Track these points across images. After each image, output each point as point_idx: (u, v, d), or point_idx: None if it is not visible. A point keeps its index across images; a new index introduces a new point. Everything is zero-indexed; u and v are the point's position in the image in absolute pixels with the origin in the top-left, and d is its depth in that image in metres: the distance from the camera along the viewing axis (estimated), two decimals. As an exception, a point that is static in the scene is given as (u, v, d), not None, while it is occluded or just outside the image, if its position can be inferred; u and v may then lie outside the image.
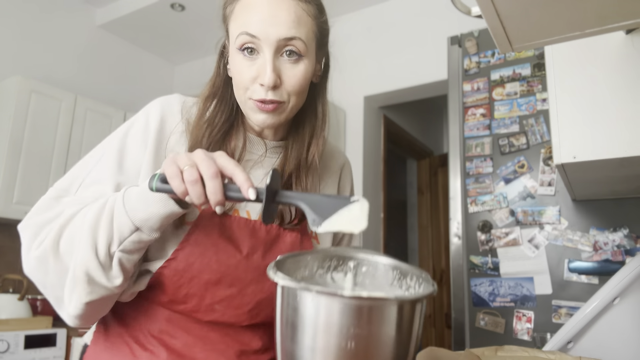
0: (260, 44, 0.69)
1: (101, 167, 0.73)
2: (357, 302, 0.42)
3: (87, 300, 0.63)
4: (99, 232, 0.62)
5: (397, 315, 0.44)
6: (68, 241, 0.64)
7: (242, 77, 0.71)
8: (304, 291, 0.44)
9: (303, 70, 0.72)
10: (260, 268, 0.74)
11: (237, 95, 0.74)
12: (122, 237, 0.62)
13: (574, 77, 0.89)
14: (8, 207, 2.63)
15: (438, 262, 3.89)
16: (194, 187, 0.56)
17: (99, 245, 0.62)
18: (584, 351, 0.96)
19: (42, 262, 0.65)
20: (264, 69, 0.69)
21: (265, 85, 0.69)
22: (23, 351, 2.36)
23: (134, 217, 0.61)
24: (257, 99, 0.70)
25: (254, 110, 0.72)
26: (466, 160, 1.74)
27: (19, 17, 3.10)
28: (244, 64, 0.71)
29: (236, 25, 0.71)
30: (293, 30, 0.69)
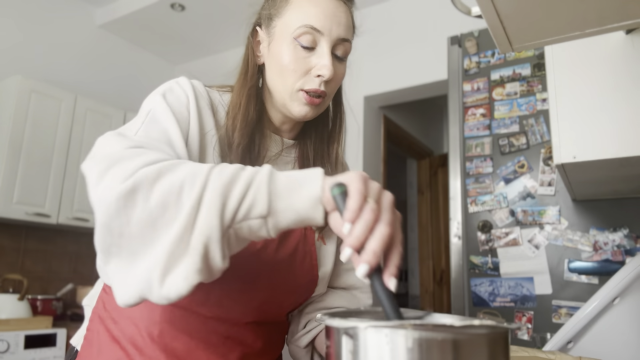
0: (321, 39, 0.72)
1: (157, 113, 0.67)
2: (466, 334, 0.39)
3: (194, 279, 0.49)
4: (231, 197, 0.50)
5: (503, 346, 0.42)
6: (173, 189, 0.50)
7: (295, 67, 0.72)
8: (397, 330, 0.39)
9: (344, 69, 0.77)
10: (272, 262, 0.73)
11: (281, 85, 0.74)
12: (249, 215, 0.51)
13: (574, 77, 0.89)
14: (8, 207, 2.63)
15: (438, 262, 3.89)
16: (366, 225, 0.47)
17: (226, 210, 0.50)
18: (584, 351, 0.96)
19: (127, 201, 0.50)
20: (325, 62, 0.71)
21: (324, 77, 0.71)
22: (23, 351, 2.36)
23: (273, 202, 0.51)
24: (309, 89, 0.72)
25: (299, 102, 0.74)
26: (466, 160, 1.74)
27: (19, 17, 3.10)
28: (299, 55, 0.72)
29: (297, 16, 0.72)
30: (348, 32, 0.75)
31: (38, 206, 2.77)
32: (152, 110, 0.68)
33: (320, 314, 0.47)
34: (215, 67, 3.91)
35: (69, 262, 3.23)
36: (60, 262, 3.18)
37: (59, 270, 3.17)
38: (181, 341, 0.71)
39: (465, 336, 0.39)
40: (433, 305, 3.79)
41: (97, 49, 3.58)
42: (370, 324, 0.40)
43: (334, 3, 0.73)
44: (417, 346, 0.38)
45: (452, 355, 0.39)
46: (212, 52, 3.90)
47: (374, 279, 0.48)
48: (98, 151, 0.57)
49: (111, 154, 0.54)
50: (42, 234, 3.08)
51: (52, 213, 2.83)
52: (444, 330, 0.39)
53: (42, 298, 2.74)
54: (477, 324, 0.39)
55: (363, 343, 0.40)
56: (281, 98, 0.75)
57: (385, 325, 0.39)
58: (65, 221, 2.89)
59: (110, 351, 0.71)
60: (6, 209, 2.63)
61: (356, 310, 0.57)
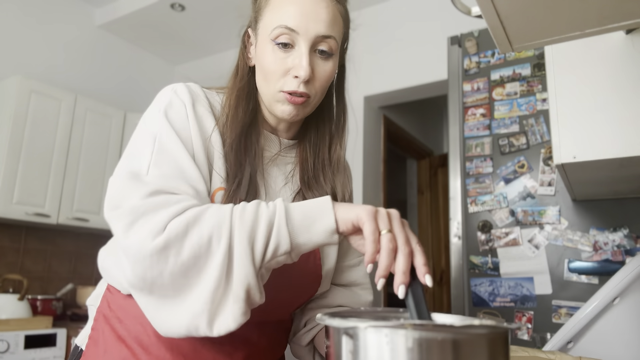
0: (298, 38, 0.70)
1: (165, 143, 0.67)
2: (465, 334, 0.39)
3: (242, 320, 0.57)
4: (257, 243, 0.57)
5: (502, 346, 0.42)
6: (202, 241, 0.56)
7: (275, 69, 0.71)
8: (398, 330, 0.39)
9: (331, 67, 0.74)
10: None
11: (265, 87, 0.74)
12: (276, 254, 0.58)
13: (574, 77, 0.89)
14: (8, 207, 2.63)
15: (438, 262, 3.89)
16: (389, 256, 0.54)
17: (256, 257, 0.57)
18: (584, 351, 0.96)
19: (160, 256, 0.55)
20: (300, 62, 0.70)
21: (301, 77, 0.70)
22: (23, 351, 2.36)
23: (294, 240, 0.58)
24: (288, 91, 0.71)
25: (282, 102, 0.73)
26: (466, 160, 1.74)
27: (19, 17, 3.10)
28: (277, 56, 0.71)
29: (274, 16, 0.71)
30: (330, 28, 0.72)
31: (38, 206, 2.77)
32: (159, 136, 0.68)
33: (320, 314, 0.47)
34: (215, 67, 3.91)
35: (68, 262, 3.23)
36: (60, 262, 3.18)
37: (58, 270, 3.17)
38: (187, 340, 0.71)
39: (465, 336, 0.39)
40: (433, 305, 3.79)
41: (97, 49, 3.58)
42: (370, 324, 0.40)
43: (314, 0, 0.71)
44: (417, 346, 0.38)
45: (452, 355, 0.39)
46: (212, 52, 3.90)
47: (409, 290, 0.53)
48: (117, 199, 0.61)
49: (134, 208, 0.58)
50: (42, 234, 3.08)
51: (52, 213, 2.83)
52: (444, 330, 0.39)
53: (42, 298, 2.74)
54: (477, 324, 0.39)
55: (363, 343, 0.40)
56: (267, 100, 0.76)
57: (385, 325, 0.39)
58: (65, 221, 2.89)
59: (116, 350, 0.71)
60: (6, 209, 2.62)
61: (356, 310, 0.57)
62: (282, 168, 0.82)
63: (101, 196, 3.11)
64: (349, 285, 0.92)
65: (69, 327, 2.58)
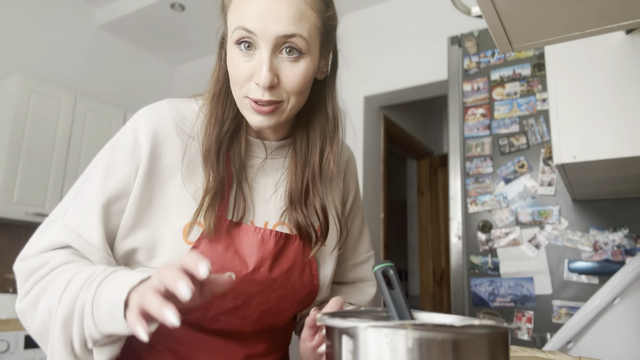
0: (257, 40, 0.64)
1: (87, 190, 0.69)
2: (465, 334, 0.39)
3: None
4: (73, 333, 0.59)
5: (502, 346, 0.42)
6: (44, 313, 0.62)
7: (238, 73, 0.66)
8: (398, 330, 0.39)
9: (303, 69, 0.66)
10: (267, 281, 0.72)
11: (234, 92, 0.69)
12: (95, 340, 0.58)
13: (574, 77, 0.89)
14: (8, 207, 2.63)
15: (438, 262, 3.89)
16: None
17: (74, 344, 0.59)
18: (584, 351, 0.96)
19: (23, 316, 0.65)
20: (260, 67, 0.64)
21: (260, 85, 0.64)
22: (23, 351, 2.36)
23: (103, 329, 0.56)
24: (253, 98, 0.66)
25: (250, 111, 0.67)
26: (466, 160, 1.74)
27: (19, 17, 3.10)
28: (240, 59, 0.66)
29: (234, 17, 0.66)
30: (293, 26, 0.63)
31: (38, 206, 2.77)
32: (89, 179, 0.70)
33: (320, 314, 0.47)
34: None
35: (69, 262, 3.23)
36: (60, 262, 3.18)
37: (59, 270, 3.17)
38: (186, 344, 0.72)
39: (465, 336, 0.39)
40: (433, 305, 3.79)
41: (97, 49, 3.58)
42: (370, 324, 0.40)
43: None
44: (417, 346, 0.38)
45: (452, 355, 0.39)
46: (212, 52, 3.86)
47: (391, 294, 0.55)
48: (25, 252, 0.71)
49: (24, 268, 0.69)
50: (42, 234, 3.07)
51: (52, 213, 2.83)
52: (444, 330, 0.39)
53: (42, 298, 2.74)
54: (477, 324, 0.39)
55: (363, 343, 0.40)
56: (239, 107, 0.70)
57: (385, 325, 0.39)
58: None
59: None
60: (6, 209, 2.62)
61: (356, 310, 0.57)
62: (272, 175, 0.77)
63: (101, 196, 3.11)
64: (356, 282, 0.91)
65: (69, 327, 2.59)
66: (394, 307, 0.53)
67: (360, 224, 0.92)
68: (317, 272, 0.78)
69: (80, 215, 0.67)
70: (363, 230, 0.92)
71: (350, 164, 0.90)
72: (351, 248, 0.90)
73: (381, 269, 0.55)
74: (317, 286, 0.78)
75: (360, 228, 0.92)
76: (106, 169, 0.69)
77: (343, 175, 0.89)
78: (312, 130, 0.77)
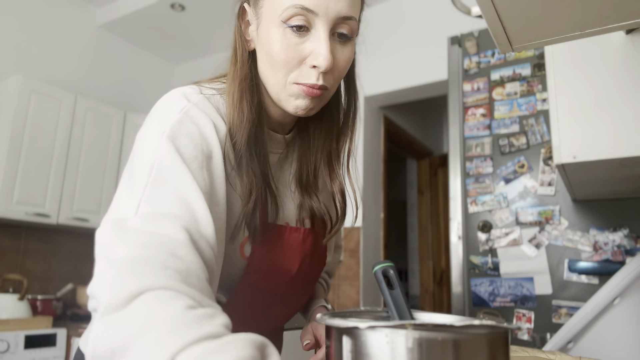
0: (316, 20, 0.59)
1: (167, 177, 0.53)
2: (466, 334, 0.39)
3: None
4: None
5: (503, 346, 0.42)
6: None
7: (287, 57, 0.59)
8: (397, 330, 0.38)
9: (351, 53, 0.63)
10: (302, 278, 0.71)
11: (273, 78, 0.62)
12: None
13: (574, 77, 0.89)
14: (8, 207, 2.63)
15: (438, 262, 3.89)
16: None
17: None
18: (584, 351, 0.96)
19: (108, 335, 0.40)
20: (320, 49, 0.58)
21: (321, 68, 0.58)
22: (23, 351, 2.36)
23: None
24: (306, 83, 0.60)
25: (296, 95, 0.61)
26: (466, 160, 1.74)
27: (19, 17, 3.10)
28: (290, 41, 0.59)
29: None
30: (352, 8, 0.60)
31: (38, 206, 2.77)
32: (156, 165, 0.53)
33: (320, 314, 0.47)
34: (215, 67, 3.90)
35: (68, 262, 3.23)
36: (60, 262, 3.18)
37: (59, 270, 3.17)
38: None
39: (465, 336, 0.39)
40: (433, 305, 3.79)
41: (97, 49, 3.58)
42: (370, 324, 0.40)
43: None
44: (417, 346, 0.38)
45: (452, 355, 0.39)
46: (212, 52, 3.90)
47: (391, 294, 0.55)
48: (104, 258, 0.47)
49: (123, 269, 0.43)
50: (42, 234, 3.08)
51: (52, 213, 2.83)
52: (444, 330, 0.39)
53: (42, 298, 2.74)
54: (477, 324, 0.39)
55: (363, 343, 0.40)
56: (275, 93, 0.64)
57: (385, 325, 0.39)
58: (65, 221, 2.89)
59: None
60: (6, 209, 2.62)
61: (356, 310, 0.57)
62: (287, 170, 0.73)
63: (101, 196, 3.11)
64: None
65: (69, 327, 2.58)
66: (394, 307, 0.53)
67: None
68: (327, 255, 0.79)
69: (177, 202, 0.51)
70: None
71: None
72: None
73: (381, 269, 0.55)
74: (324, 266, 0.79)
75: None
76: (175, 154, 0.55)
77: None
78: (329, 118, 0.72)
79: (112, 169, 3.18)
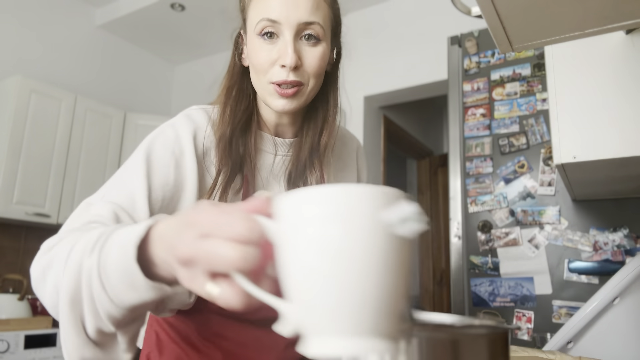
0: (281, 28, 0.71)
1: (129, 177, 0.68)
2: None
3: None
4: (84, 314, 0.45)
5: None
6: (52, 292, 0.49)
7: (262, 61, 0.72)
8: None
9: (321, 52, 0.74)
10: None
11: (256, 81, 0.75)
12: (114, 318, 0.44)
13: (574, 77, 0.89)
14: (8, 207, 2.63)
15: (438, 262, 3.89)
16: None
17: (87, 327, 0.46)
18: (584, 351, 0.96)
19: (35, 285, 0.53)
20: (285, 50, 0.71)
21: (287, 65, 0.70)
22: (23, 351, 2.36)
23: (122, 302, 0.43)
24: (277, 81, 0.72)
25: (273, 96, 0.73)
26: (466, 160, 1.74)
27: (19, 17, 3.10)
28: (263, 48, 0.72)
29: (256, 12, 0.73)
30: (312, 15, 0.72)
31: (38, 206, 2.77)
32: (125, 165, 0.70)
33: None
34: (215, 67, 3.90)
35: (69, 262, 3.23)
36: (60, 262, 3.18)
37: (59, 270, 3.17)
38: (231, 340, 0.76)
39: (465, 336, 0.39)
40: (433, 305, 3.79)
41: (97, 49, 3.58)
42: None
43: None
44: (417, 346, 0.38)
45: (452, 355, 0.39)
46: (212, 52, 3.90)
47: None
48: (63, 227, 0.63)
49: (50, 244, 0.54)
50: (42, 234, 3.07)
51: (52, 213, 2.83)
52: (444, 330, 0.39)
53: (42, 298, 2.74)
54: (477, 324, 0.39)
55: None
56: (261, 95, 0.76)
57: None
58: (65, 221, 2.89)
59: (171, 350, 0.77)
60: (6, 209, 2.62)
61: None
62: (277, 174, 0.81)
63: (101, 196, 3.11)
64: None
65: (69, 327, 2.59)
66: None
67: None
68: None
69: (125, 194, 0.65)
70: None
71: (359, 153, 0.99)
72: None
73: None
74: None
75: None
76: (147, 161, 0.69)
77: (355, 166, 0.97)
78: (315, 118, 0.82)
79: (112, 169, 3.18)
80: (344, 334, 0.32)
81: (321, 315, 0.32)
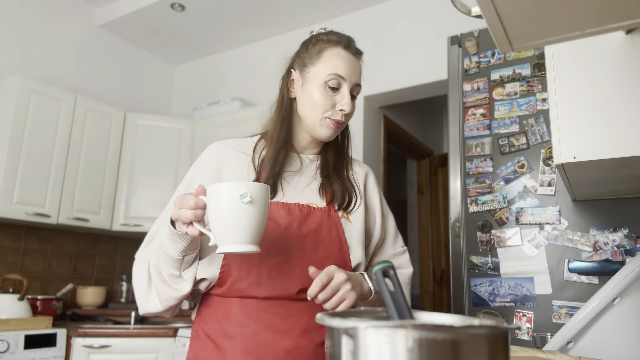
0: (343, 83, 1.02)
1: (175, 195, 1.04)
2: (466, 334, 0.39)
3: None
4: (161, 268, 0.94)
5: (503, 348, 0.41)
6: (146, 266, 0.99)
7: (324, 103, 1.01)
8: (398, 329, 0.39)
9: (355, 104, 1.06)
10: (299, 237, 0.98)
11: (311, 114, 1.03)
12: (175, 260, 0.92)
13: (574, 77, 0.89)
14: (8, 207, 2.63)
15: (438, 262, 3.88)
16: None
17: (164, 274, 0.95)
18: (584, 351, 0.96)
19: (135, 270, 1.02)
20: (346, 100, 1.01)
21: (346, 111, 1.02)
22: (23, 351, 2.36)
23: (171, 249, 0.91)
24: (335, 119, 1.02)
25: (328, 127, 1.03)
26: (466, 160, 1.74)
27: (19, 17, 3.10)
28: (327, 94, 1.01)
29: (328, 66, 1.02)
30: (360, 79, 1.07)
31: (38, 206, 2.77)
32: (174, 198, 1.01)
33: (320, 314, 0.47)
34: (215, 67, 3.90)
35: (69, 262, 3.23)
36: (60, 262, 3.18)
37: (58, 270, 3.17)
38: (250, 327, 0.94)
39: (465, 336, 0.39)
40: (433, 305, 3.79)
41: (97, 49, 3.58)
42: (370, 324, 0.40)
43: (353, 58, 1.05)
44: (417, 346, 0.38)
45: (452, 355, 0.39)
46: (212, 52, 3.90)
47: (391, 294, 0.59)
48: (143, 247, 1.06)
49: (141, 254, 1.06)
50: (42, 234, 3.08)
51: (52, 213, 2.83)
52: (444, 330, 0.39)
53: (42, 298, 2.74)
54: (477, 324, 0.39)
55: (363, 343, 0.40)
56: (311, 124, 1.03)
57: (385, 325, 0.39)
58: (65, 221, 2.89)
59: (206, 343, 0.99)
60: (6, 209, 2.62)
61: (356, 310, 0.57)
62: (308, 179, 1.08)
63: (101, 196, 3.11)
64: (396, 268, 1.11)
65: (69, 327, 2.58)
66: (394, 307, 0.53)
67: (394, 223, 1.24)
68: (345, 236, 1.03)
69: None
70: (396, 229, 1.25)
71: (369, 180, 1.20)
72: (391, 243, 1.20)
73: (381, 269, 0.55)
74: (346, 245, 1.02)
75: (395, 227, 1.25)
76: (186, 182, 1.05)
77: (363, 192, 1.15)
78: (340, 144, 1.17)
79: (112, 169, 3.18)
80: (234, 243, 0.78)
81: (225, 236, 0.79)
